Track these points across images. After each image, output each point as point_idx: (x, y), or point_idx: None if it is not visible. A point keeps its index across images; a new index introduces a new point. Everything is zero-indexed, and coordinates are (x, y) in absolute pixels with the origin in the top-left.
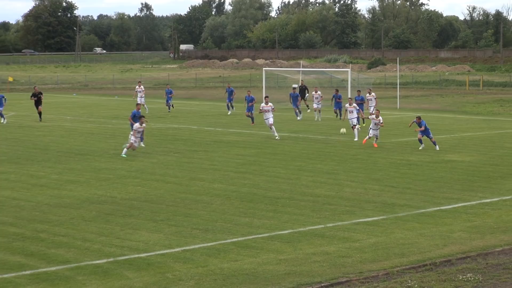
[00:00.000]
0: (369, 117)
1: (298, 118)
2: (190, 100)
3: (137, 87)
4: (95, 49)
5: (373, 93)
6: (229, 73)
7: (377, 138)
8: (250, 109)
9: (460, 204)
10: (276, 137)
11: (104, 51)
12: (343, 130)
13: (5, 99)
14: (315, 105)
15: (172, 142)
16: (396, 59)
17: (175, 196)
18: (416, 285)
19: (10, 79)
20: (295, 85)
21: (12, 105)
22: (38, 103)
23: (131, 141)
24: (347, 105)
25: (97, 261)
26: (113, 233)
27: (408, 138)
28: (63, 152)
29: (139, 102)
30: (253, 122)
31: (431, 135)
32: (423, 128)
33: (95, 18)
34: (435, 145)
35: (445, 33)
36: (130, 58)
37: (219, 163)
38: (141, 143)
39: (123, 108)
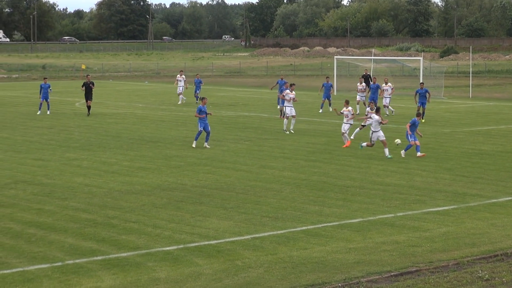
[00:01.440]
0: (365, 121)
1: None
2: (261, 88)
3: (178, 76)
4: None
5: (389, 83)
6: (300, 61)
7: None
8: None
9: None
10: (287, 132)
11: (172, 39)
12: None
13: (50, 89)
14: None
15: (242, 130)
16: (469, 47)
17: (245, 184)
18: (487, 276)
19: (83, 66)
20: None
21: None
22: (88, 95)
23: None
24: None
25: (168, 248)
26: (184, 220)
27: (481, 128)
28: (134, 139)
29: (179, 91)
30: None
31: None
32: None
33: (168, 6)
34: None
35: None
36: (201, 46)
37: (289, 151)
38: (205, 144)
39: (193, 96)
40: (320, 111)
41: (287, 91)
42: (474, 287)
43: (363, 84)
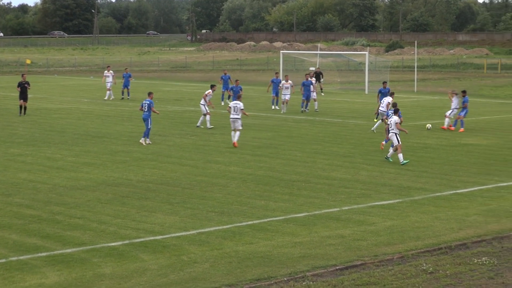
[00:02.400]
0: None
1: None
2: (207, 83)
3: (105, 71)
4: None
5: (290, 81)
6: (246, 56)
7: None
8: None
9: (476, 188)
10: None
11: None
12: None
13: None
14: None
15: (188, 125)
16: (414, 42)
17: (191, 179)
18: (431, 268)
19: (28, 61)
20: (312, 68)
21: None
22: (23, 95)
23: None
24: (283, 81)
25: (113, 243)
26: (129, 216)
27: (425, 122)
28: (79, 134)
29: (108, 87)
30: None
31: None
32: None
33: (113, 0)
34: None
35: (463, 16)
36: (147, 41)
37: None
38: (146, 139)
39: (139, 91)
40: (273, 107)
41: (283, 81)
42: (419, 280)
43: (289, 82)
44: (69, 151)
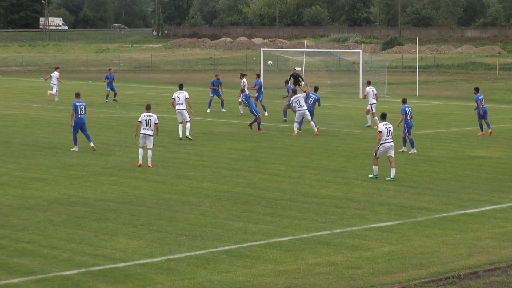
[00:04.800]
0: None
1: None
2: (176, 86)
3: (56, 72)
4: None
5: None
6: (222, 54)
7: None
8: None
9: (488, 207)
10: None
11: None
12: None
13: None
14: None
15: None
16: (415, 38)
17: (157, 197)
18: None
19: None
20: (298, 68)
21: None
22: None
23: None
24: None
25: (67, 272)
26: (86, 240)
27: (429, 131)
28: (27, 145)
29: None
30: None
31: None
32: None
33: None
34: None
35: (472, 9)
36: (106, 37)
37: (209, 159)
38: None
39: (98, 95)
40: (266, 114)
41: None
42: None
43: (244, 80)
44: (15, 164)
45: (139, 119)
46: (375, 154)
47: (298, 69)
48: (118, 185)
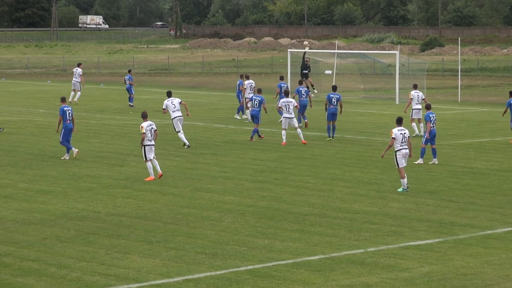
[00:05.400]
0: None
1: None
2: (195, 90)
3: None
4: None
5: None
6: (245, 55)
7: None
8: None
9: None
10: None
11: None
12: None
13: None
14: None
15: (172, 143)
16: (457, 39)
17: (175, 212)
18: None
19: None
20: (328, 71)
21: None
22: None
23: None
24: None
25: None
26: (97, 258)
27: (472, 140)
28: (34, 154)
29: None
30: None
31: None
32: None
33: None
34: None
35: None
36: (120, 36)
37: (231, 170)
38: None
39: (110, 100)
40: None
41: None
42: None
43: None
44: (21, 175)
45: (143, 131)
46: (397, 165)
47: (328, 72)
48: (132, 198)
